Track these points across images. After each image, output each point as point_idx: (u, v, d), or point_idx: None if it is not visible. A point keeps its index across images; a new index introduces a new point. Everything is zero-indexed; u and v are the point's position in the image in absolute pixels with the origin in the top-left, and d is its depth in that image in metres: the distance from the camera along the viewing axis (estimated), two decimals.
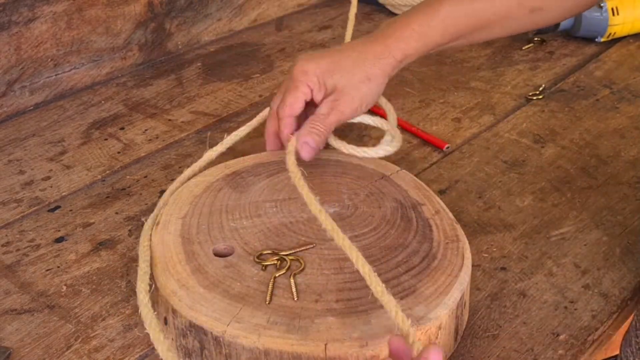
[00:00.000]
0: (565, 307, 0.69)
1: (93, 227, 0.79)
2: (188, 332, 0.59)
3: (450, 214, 0.70)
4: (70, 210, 0.81)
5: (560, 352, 0.64)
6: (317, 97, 0.75)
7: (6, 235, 0.77)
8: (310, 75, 0.75)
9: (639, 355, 0.62)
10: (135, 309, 0.68)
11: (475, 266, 0.73)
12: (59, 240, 0.77)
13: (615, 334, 0.69)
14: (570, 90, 1.07)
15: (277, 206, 0.70)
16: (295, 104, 0.75)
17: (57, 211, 0.81)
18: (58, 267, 0.73)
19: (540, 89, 1.06)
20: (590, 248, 0.76)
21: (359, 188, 0.73)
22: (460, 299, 0.62)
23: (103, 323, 0.67)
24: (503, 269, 0.73)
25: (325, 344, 0.55)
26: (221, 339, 0.57)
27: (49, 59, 1.01)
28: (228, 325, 0.57)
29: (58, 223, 0.79)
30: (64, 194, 0.84)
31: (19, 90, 0.99)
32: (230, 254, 0.64)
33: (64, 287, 0.71)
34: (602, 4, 1.15)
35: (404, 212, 0.70)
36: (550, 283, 0.72)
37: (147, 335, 0.65)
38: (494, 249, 0.76)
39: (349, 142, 0.93)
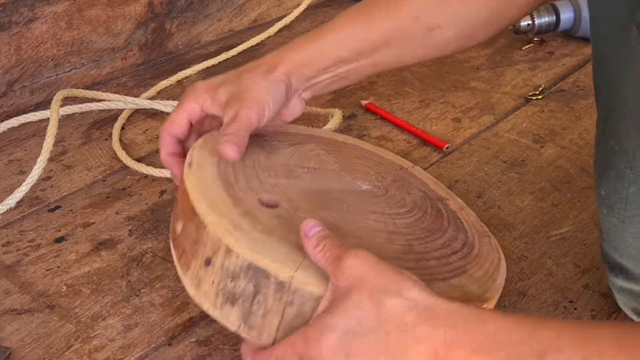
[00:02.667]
0: (565, 307, 0.69)
1: (93, 227, 0.79)
2: (242, 274, 0.54)
3: (473, 212, 0.70)
4: (71, 210, 0.81)
5: None
6: (213, 110, 0.67)
7: (6, 235, 0.78)
8: (198, 90, 0.67)
9: None
10: (135, 308, 0.68)
11: None
12: (59, 240, 0.77)
13: None
14: (570, 90, 1.07)
15: (311, 173, 0.66)
16: (176, 120, 0.67)
17: (57, 211, 0.81)
18: (58, 267, 0.73)
19: (540, 89, 1.06)
20: (590, 248, 0.76)
21: (383, 172, 0.70)
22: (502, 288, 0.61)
23: (103, 323, 0.67)
24: None
25: None
26: (286, 285, 0.53)
27: (49, 59, 1.01)
28: (296, 271, 0.53)
29: (58, 223, 0.80)
30: (64, 194, 0.84)
31: (19, 90, 0.99)
32: (277, 206, 0.59)
33: (64, 287, 0.71)
34: None
35: (431, 202, 0.68)
36: (549, 283, 0.72)
37: (147, 335, 0.65)
38: None
39: None
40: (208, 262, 0.55)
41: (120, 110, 0.99)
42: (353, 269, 0.50)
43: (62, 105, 0.92)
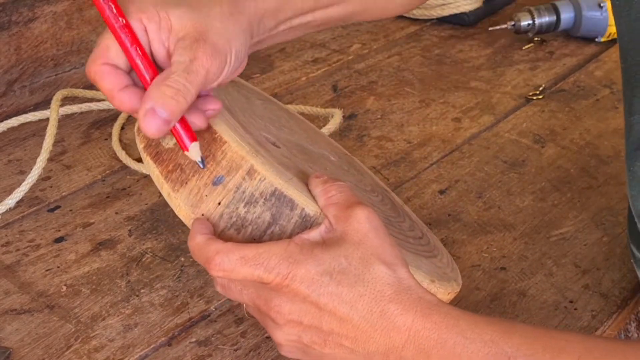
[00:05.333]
0: (565, 307, 0.69)
1: (93, 227, 0.79)
2: (263, 200, 0.49)
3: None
4: (70, 210, 0.81)
5: None
6: (158, 38, 0.50)
7: (6, 235, 0.77)
8: (143, 3, 0.50)
9: None
10: (135, 309, 0.68)
11: (475, 266, 0.73)
12: (59, 240, 0.77)
13: (615, 334, 0.69)
14: (571, 90, 1.07)
15: (285, 130, 0.61)
16: (114, 44, 0.49)
17: (57, 211, 0.81)
18: (58, 267, 0.73)
19: (541, 89, 1.06)
20: (590, 248, 0.76)
21: (337, 151, 0.68)
22: None
23: (103, 323, 0.67)
24: (503, 269, 0.73)
25: None
26: (312, 220, 0.50)
27: (49, 59, 1.01)
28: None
29: (58, 223, 0.79)
30: (64, 194, 0.84)
31: (19, 90, 0.99)
32: (278, 148, 0.55)
33: (64, 287, 0.71)
34: (602, 4, 1.15)
35: (382, 190, 0.68)
36: (550, 283, 0.72)
37: (147, 335, 0.65)
38: (494, 249, 0.76)
39: (347, 143, 0.93)
40: (218, 180, 0.50)
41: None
42: (357, 221, 0.49)
43: (61, 105, 0.92)
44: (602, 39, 1.18)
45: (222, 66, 0.50)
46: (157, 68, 0.50)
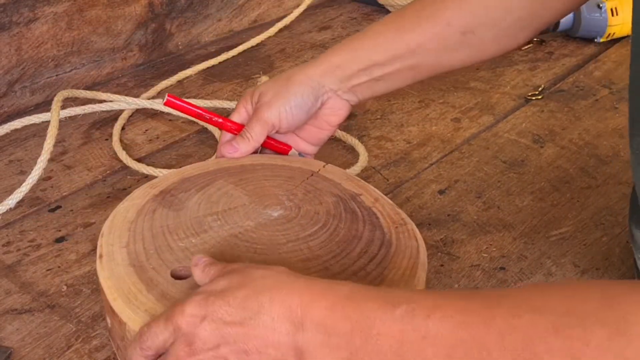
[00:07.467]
0: None
1: (94, 227, 0.79)
2: None
3: (389, 200, 0.70)
4: (71, 210, 0.82)
5: None
6: (250, 110, 0.78)
7: (7, 235, 0.78)
8: (245, 96, 0.77)
9: None
10: None
11: (474, 266, 0.73)
12: (60, 240, 0.77)
13: None
14: (570, 90, 1.07)
15: (220, 218, 0.67)
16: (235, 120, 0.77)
17: (57, 211, 0.81)
18: (59, 267, 0.74)
19: (540, 89, 1.06)
20: (589, 248, 0.76)
21: (294, 188, 0.72)
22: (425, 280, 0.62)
23: (103, 323, 0.67)
24: (502, 268, 0.74)
25: None
26: None
27: (50, 60, 1.02)
28: None
29: (59, 223, 0.80)
30: (64, 194, 0.84)
31: (19, 90, 1.00)
32: (189, 276, 0.61)
33: (65, 287, 0.71)
34: (601, 5, 1.15)
35: (345, 204, 0.69)
36: (549, 283, 0.72)
37: None
38: (494, 249, 0.76)
39: (347, 142, 0.93)
40: None
41: (121, 111, 1.00)
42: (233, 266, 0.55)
43: (62, 107, 0.93)
44: (601, 40, 1.19)
45: (267, 126, 0.74)
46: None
